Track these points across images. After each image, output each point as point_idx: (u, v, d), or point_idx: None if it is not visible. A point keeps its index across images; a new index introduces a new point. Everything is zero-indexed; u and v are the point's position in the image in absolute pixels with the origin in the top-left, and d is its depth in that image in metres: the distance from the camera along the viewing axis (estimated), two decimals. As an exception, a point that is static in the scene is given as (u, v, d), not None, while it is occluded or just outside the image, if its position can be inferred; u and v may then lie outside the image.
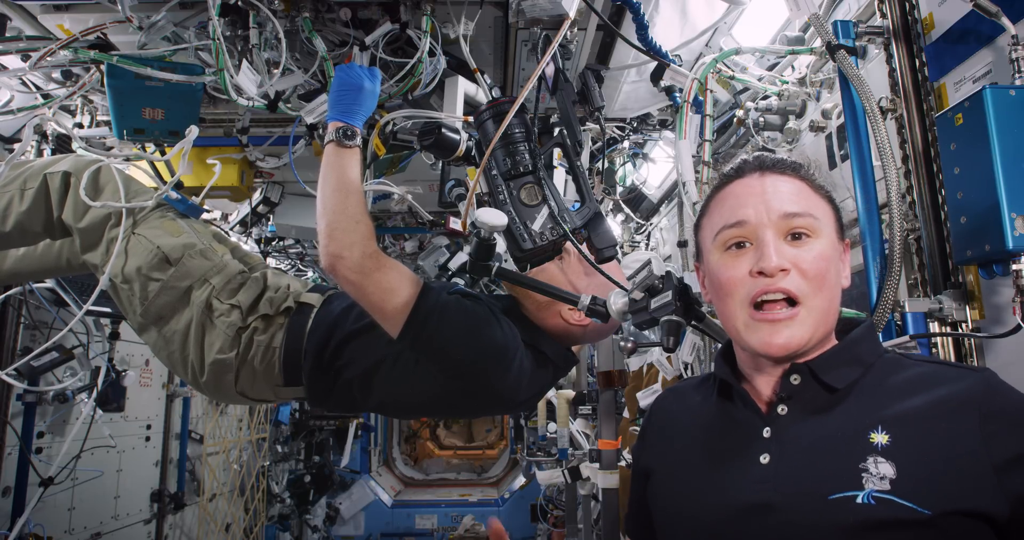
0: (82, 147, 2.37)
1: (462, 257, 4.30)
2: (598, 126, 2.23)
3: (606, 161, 3.36)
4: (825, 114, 2.01)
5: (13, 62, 2.21)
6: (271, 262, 4.56)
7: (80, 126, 2.56)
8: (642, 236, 4.23)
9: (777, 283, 0.94)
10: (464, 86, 2.06)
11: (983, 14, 1.37)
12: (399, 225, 4.13)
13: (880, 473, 0.85)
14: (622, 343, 3.43)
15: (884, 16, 1.70)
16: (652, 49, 2.07)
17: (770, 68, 2.36)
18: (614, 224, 4.13)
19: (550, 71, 1.73)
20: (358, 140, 1.70)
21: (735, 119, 2.36)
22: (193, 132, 1.84)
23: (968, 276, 1.46)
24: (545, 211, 1.60)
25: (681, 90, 2.12)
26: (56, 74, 2.29)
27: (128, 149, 2.37)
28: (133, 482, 4.50)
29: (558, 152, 1.74)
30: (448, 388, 1.72)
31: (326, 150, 1.69)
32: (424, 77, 2.02)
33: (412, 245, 4.54)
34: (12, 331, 3.11)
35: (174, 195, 2.00)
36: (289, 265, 4.85)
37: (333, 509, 8.04)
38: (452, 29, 2.02)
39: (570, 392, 4.88)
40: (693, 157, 1.96)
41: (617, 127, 3.04)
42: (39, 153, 2.76)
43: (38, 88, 2.32)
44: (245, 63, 1.93)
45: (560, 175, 2.15)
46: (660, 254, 3.96)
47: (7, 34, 2.07)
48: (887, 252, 1.45)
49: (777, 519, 0.90)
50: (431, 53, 1.99)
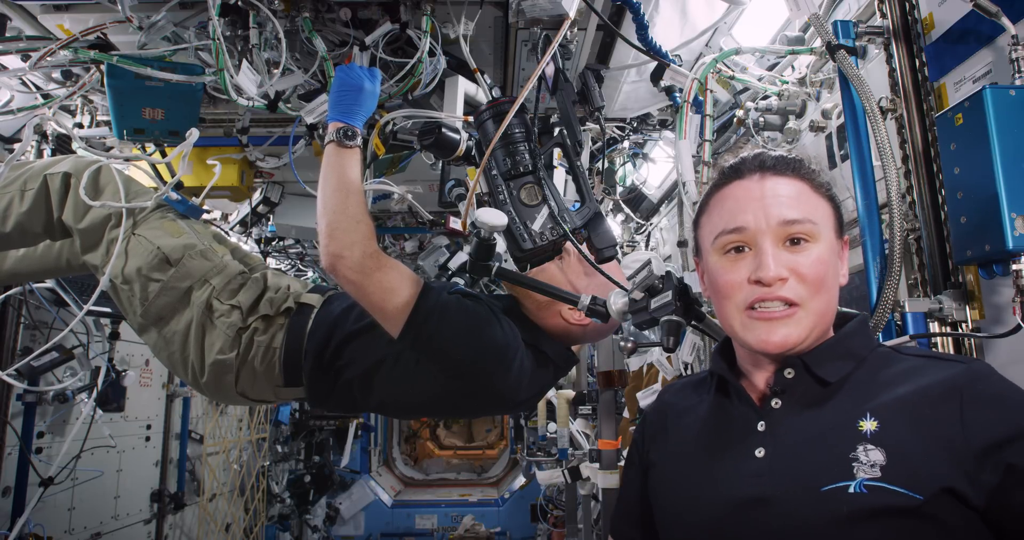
0: (82, 147, 2.36)
1: (462, 257, 4.30)
2: (598, 126, 2.22)
3: (606, 161, 3.35)
4: (825, 114, 2.01)
5: (13, 62, 2.20)
6: (271, 262, 4.56)
7: (80, 126, 2.56)
8: (642, 236, 4.23)
9: (775, 292, 0.95)
10: (464, 86, 2.06)
11: (983, 14, 1.37)
12: (399, 225, 4.13)
13: (870, 461, 0.86)
14: (622, 343, 3.42)
15: (884, 16, 1.70)
16: (652, 49, 2.07)
17: (770, 68, 2.36)
18: (614, 224, 4.12)
19: (550, 71, 1.73)
20: (358, 140, 1.71)
21: (735, 119, 2.36)
22: (194, 135, 1.84)
23: (968, 276, 1.46)
24: (545, 211, 1.60)
25: (681, 90, 2.12)
26: (56, 74, 2.29)
27: (128, 149, 2.37)
28: (133, 482, 4.50)
29: (558, 152, 1.74)
30: (449, 388, 1.72)
31: (326, 150, 1.69)
32: (424, 77, 2.02)
33: (412, 245, 4.53)
34: (12, 331, 3.10)
35: (174, 196, 2.00)
36: (289, 265, 4.85)
37: (333, 509, 8.04)
38: (452, 29, 2.02)
39: (570, 392, 4.88)
40: (693, 157, 1.97)
41: (617, 127, 3.04)
42: (39, 153, 2.76)
43: (38, 88, 2.31)
44: (245, 63, 1.93)
45: (560, 175, 2.15)
46: (660, 254, 3.95)
47: (7, 34, 2.06)
48: (887, 252, 1.45)
49: (773, 512, 0.91)
50: (431, 53, 1.99)
